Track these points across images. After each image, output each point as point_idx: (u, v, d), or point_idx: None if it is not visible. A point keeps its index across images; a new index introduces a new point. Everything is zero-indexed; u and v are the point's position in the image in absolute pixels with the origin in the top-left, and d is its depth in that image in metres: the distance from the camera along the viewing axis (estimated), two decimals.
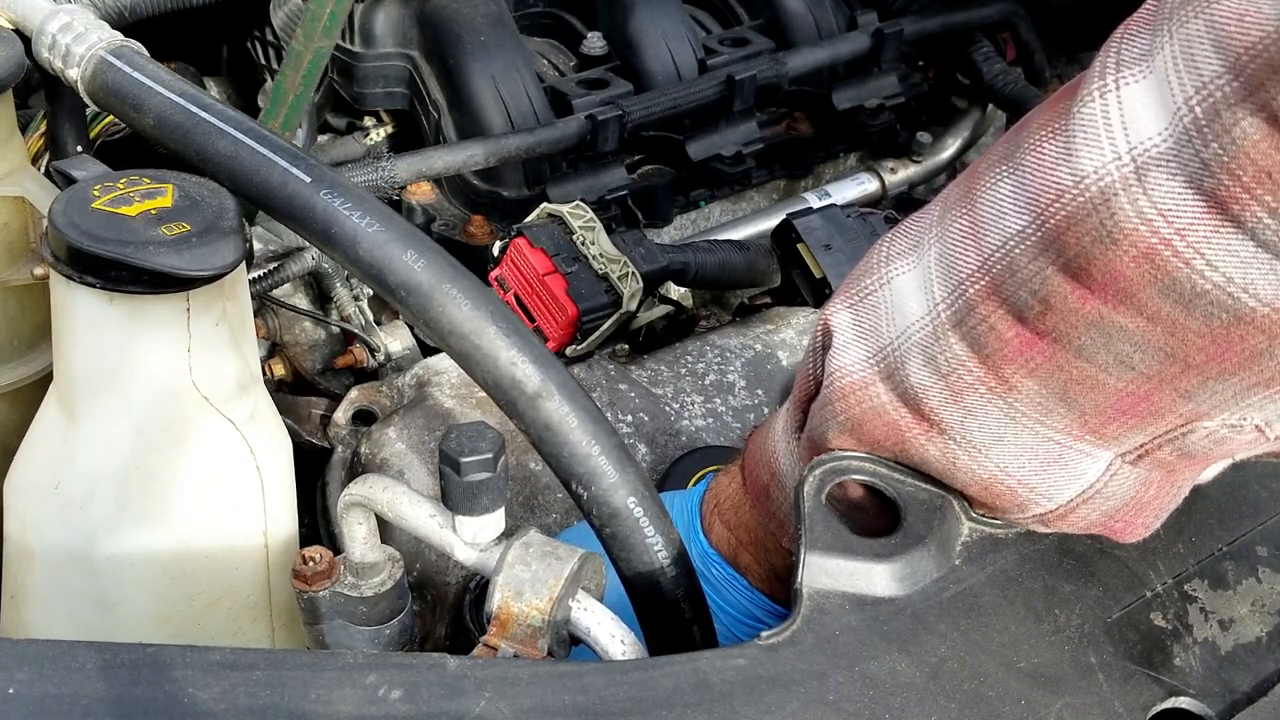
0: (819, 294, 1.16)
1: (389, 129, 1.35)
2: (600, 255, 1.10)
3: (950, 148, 1.49)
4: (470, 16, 1.28)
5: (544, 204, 1.14)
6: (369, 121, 1.35)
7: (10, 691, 0.53)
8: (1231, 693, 0.62)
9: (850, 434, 0.67)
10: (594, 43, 1.35)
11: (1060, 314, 0.56)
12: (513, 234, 1.12)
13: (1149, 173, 0.51)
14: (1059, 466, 0.62)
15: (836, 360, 0.67)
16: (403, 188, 1.26)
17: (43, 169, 0.91)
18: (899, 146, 1.47)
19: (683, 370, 1.11)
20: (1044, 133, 0.56)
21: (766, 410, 1.08)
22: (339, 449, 1.07)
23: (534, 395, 0.70)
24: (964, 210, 0.60)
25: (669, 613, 0.71)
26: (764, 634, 0.61)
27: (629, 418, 1.05)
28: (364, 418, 1.08)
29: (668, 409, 1.07)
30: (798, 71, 1.36)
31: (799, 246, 1.15)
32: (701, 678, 0.58)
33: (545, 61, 1.39)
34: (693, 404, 1.08)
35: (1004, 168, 0.58)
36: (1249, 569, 0.69)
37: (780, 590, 0.77)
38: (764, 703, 0.57)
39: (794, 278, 1.18)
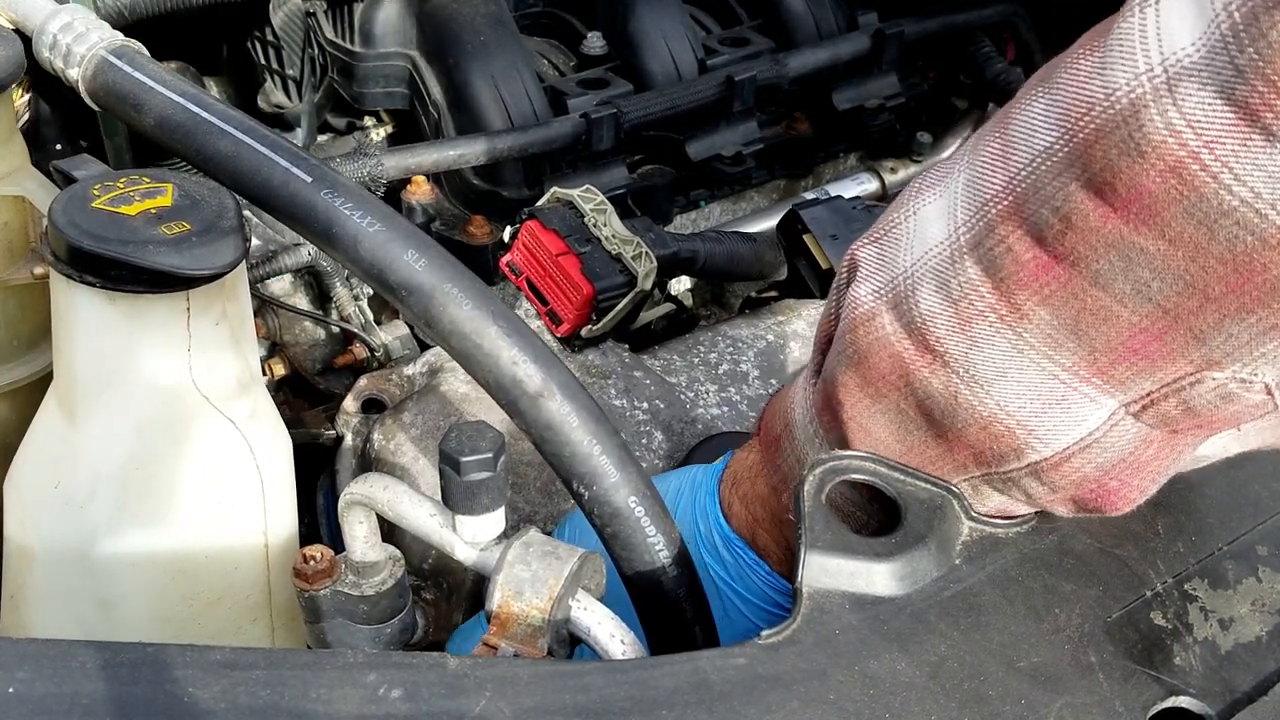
0: (825, 285, 1.15)
1: (389, 129, 1.35)
2: (613, 236, 1.09)
3: (950, 148, 1.49)
4: (470, 16, 1.28)
5: (554, 189, 1.14)
6: (369, 121, 1.35)
7: (10, 691, 0.53)
8: (1232, 692, 0.62)
9: (856, 369, 0.66)
10: (594, 43, 1.36)
11: (1080, 234, 0.55)
12: (524, 217, 1.11)
13: (1180, 83, 0.50)
14: (1061, 409, 0.60)
15: (853, 292, 0.67)
16: (403, 184, 1.26)
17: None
18: (899, 146, 1.47)
19: (696, 360, 1.10)
20: (1082, 50, 0.55)
21: None
22: (349, 437, 1.06)
23: (535, 395, 0.70)
24: (996, 133, 0.60)
25: (669, 612, 0.71)
26: (764, 633, 0.61)
27: (645, 404, 1.05)
28: (373, 406, 1.07)
29: (683, 397, 1.06)
30: (798, 72, 1.36)
31: (805, 237, 1.15)
32: (702, 677, 0.58)
33: (545, 61, 1.39)
34: (707, 393, 1.08)
35: (1040, 89, 0.58)
36: (1249, 568, 0.69)
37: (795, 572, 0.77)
38: (764, 702, 0.57)
39: (800, 269, 1.18)
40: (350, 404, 1.07)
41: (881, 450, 0.68)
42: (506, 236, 1.12)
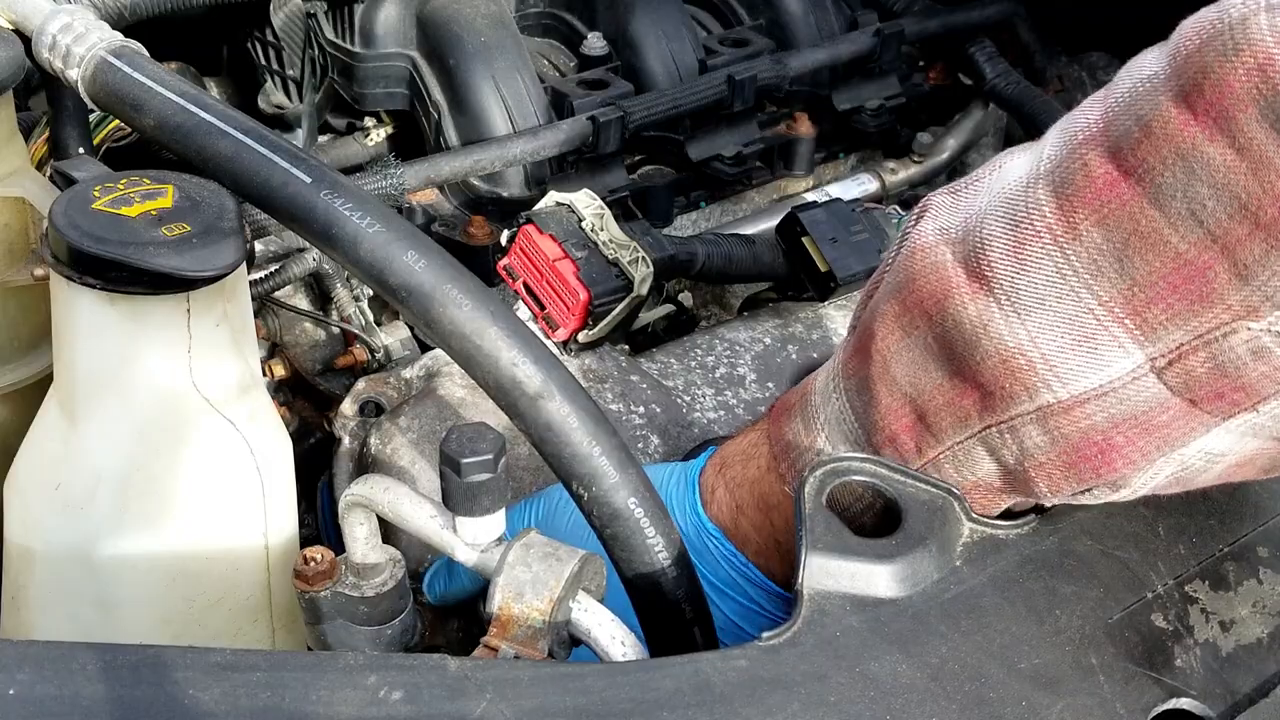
0: (824, 287, 1.15)
1: (389, 129, 1.35)
2: (610, 241, 1.09)
3: (950, 148, 1.49)
4: (470, 17, 1.28)
5: (551, 192, 1.14)
6: (369, 122, 1.35)
7: (11, 693, 0.53)
8: (1233, 694, 0.62)
9: (898, 296, 0.68)
10: (594, 43, 1.35)
11: (1156, 141, 0.57)
12: (521, 221, 1.11)
13: None
14: (1088, 348, 0.61)
15: (918, 228, 0.68)
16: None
17: (47, 175, 0.91)
18: (899, 146, 1.47)
19: (693, 363, 1.10)
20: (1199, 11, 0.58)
21: None
22: (346, 440, 1.06)
23: (535, 396, 0.70)
24: (1102, 89, 0.63)
25: (670, 614, 0.71)
26: (765, 635, 0.61)
27: (641, 409, 1.05)
28: (370, 409, 1.07)
29: (679, 401, 1.06)
30: (798, 72, 1.35)
31: (804, 240, 1.15)
32: (702, 679, 0.58)
33: (545, 62, 1.39)
34: (704, 397, 1.08)
35: (1156, 46, 0.60)
36: (1250, 570, 0.69)
37: (777, 563, 0.77)
38: (765, 704, 0.57)
39: (799, 271, 1.17)
40: (348, 407, 1.07)
41: (894, 392, 0.69)
42: (504, 240, 1.13)
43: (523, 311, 1.11)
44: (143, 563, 0.79)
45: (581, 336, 1.08)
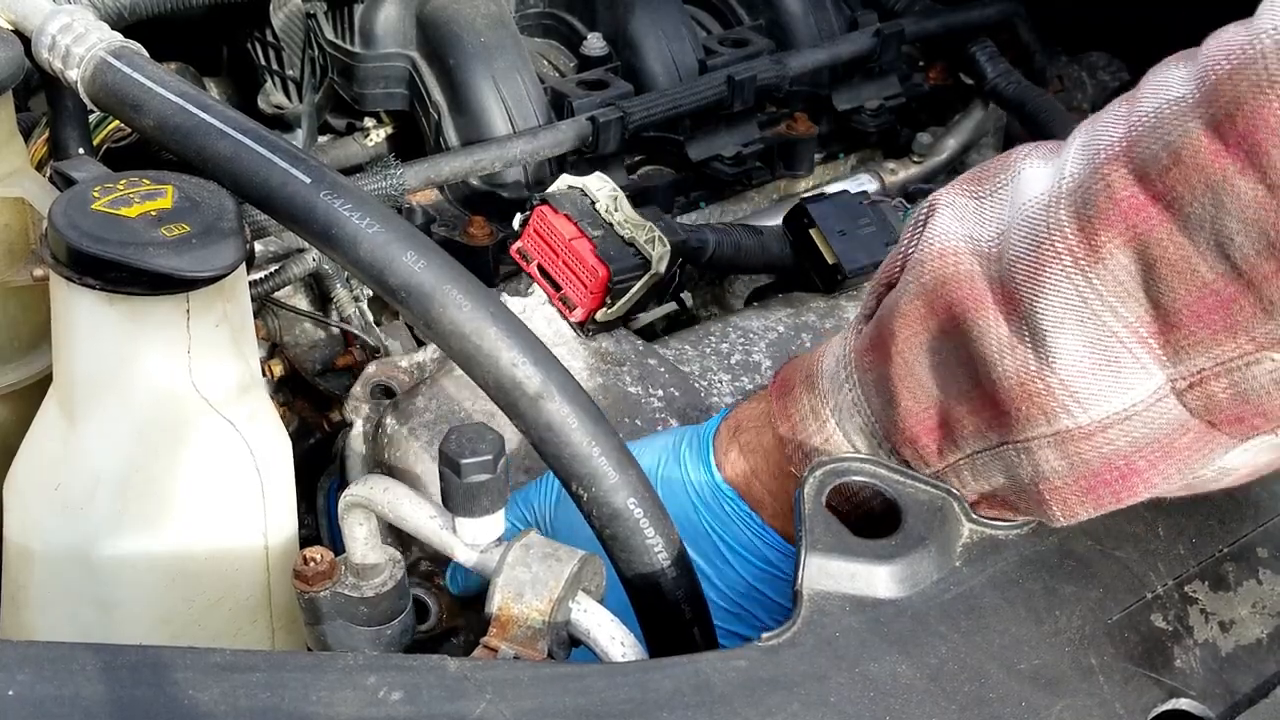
0: (830, 280, 1.15)
1: (389, 129, 1.35)
2: (625, 221, 1.09)
3: (950, 148, 1.49)
4: (470, 17, 1.28)
5: (564, 175, 1.14)
6: (369, 122, 1.35)
7: (10, 693, 0.53)
8: (1232, 694, 0.62)
9: (924, 298, 0.66)
10: (594, 43, 1.35)
11: (1186, 170, 0.56)
12: (535, 203, 1.11)
13: None
14: (1110, 371, 0.60)
15: (938, 228, 0.67)
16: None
17: (47, 175, 0.91)
18: (899, 146, 1.47)
19: (708, 350, 1.10)
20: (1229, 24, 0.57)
21: None
22: (358, 423, 1.06)
23: (535, 396, 0.70)
24: (1124, 100, 0.61)
25: (669, 614, 0.71)
26: (764, 635, 0.61)
27: (660, 392, 1.04)
28: (380, 393, 1.07)
29: (697, 385, 1.06)
30: (798, 72, 1.35)
31: (811, 231, 1.15)
32: (702, 679, 0.58)
33: (545, 62, 1.39)
34: (720, 382, 1.08)
35: (1179, 58, 0.59)
36: (1249, 570, 0.69)
37: (791, 527, 0.76)
38: (765, 704, 0.57)
39: (806, 263, 1.17)
40: (359, 390, 1.06)
41: (916, 395, 0.68)
42: (516, 224, 1.12)
43: (538, 295, 1.10)
44: (142, 563, 0.79)
45: (600, 315, 1.08)
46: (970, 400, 0.65)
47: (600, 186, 1.11)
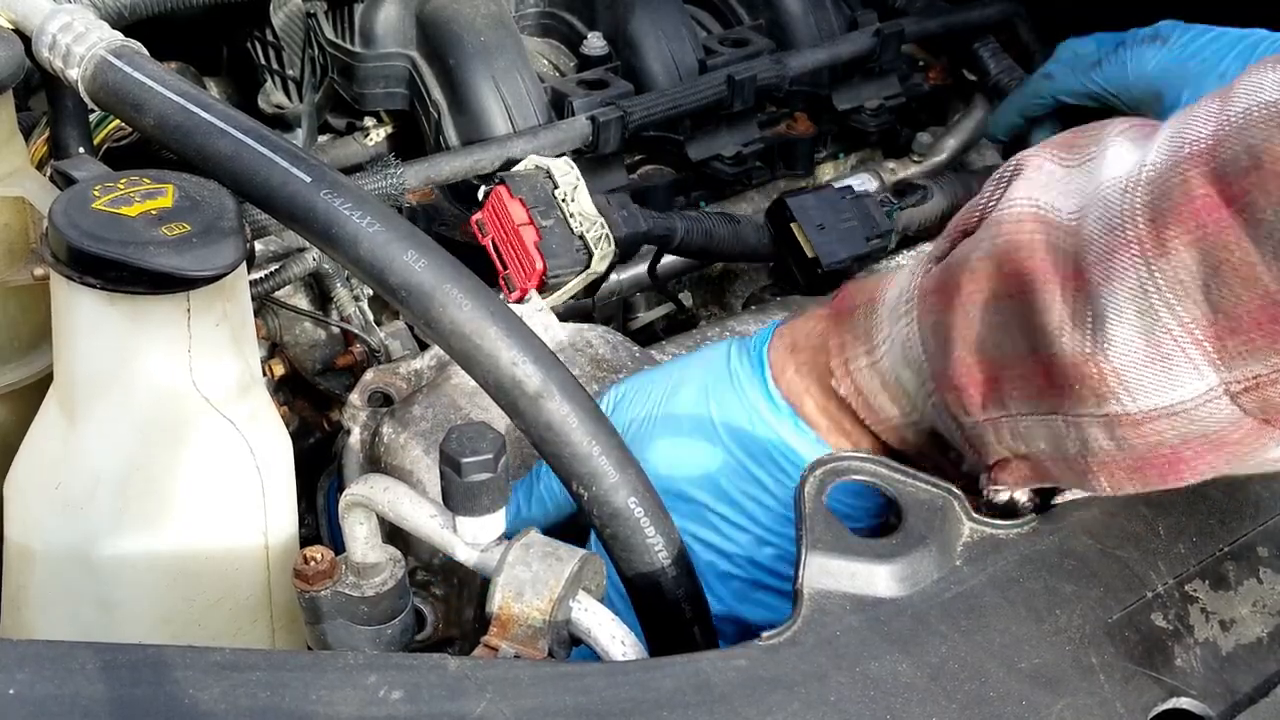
0: (810, 274, 1.15)
1: (389, 129, 1.35)
2: (579, 214, 1.10)
3: (950, 148, 1.49)
4: (470, 17, 1.28)
5: (531, 155, 1.14)
6: (369, 122, 1.35)
7: (10, 692, 0.53)
8: (1233, 693, 0.62)
9: (995, 259, 0.66)
10: (594, 43, 1.35)
11: (1264, 175, 0.55)
12: (496, 181, 1.12)
13: None
14: (1162, 367, 0.60)
15: (1021, 190, 0.67)
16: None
17: (47, 174, 0.91)
18: (899, 146, 1.47)
19: None
20: None
21: None
22: (355, 431, 1.06)
23: (535, 395, 0.70)
24: (1218, 94, 0.61)
25: (669, 613, 0.71)
26: (765, 634, 0.61)
27: None
28: (378, 400, 1.07)
29: None
30: (797, 72, 1.35)
31: (792, 225, 1.15)
32: (703, 678, 0.58)
33: (545, 62, 1.39)
34: None
35: (1278, 62, 0.58)
36: (1250, 569, 0.69)
37: (839, 445, 0.77)
38: (765, 703, 0.57)
39: (787, 257, 1.17)
40: (356, 398, 1.06)
41: (971, 348, 0.68)
42: (480, 195, 1.13)
43: (535, 300, 1.11)
44: (142, 563, 0.79)
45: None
46: (1025, 365, 0.65)
47: (565, 172, 1.11)
